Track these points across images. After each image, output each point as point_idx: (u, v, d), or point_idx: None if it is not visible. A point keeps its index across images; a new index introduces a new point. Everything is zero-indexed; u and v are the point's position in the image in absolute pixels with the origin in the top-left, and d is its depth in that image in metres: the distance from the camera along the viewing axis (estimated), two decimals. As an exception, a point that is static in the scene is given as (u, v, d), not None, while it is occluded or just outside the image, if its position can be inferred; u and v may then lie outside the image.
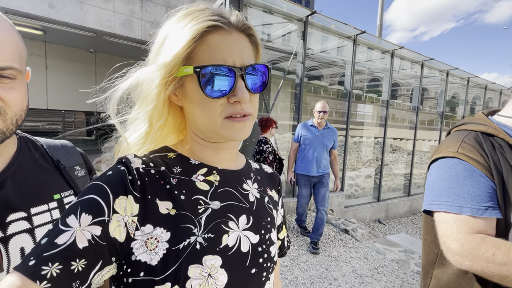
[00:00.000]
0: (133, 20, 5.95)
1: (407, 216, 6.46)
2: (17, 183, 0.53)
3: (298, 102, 4.66)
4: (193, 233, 0.42)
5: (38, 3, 4.82)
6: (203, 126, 0.46)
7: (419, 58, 6.40)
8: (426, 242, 0.83)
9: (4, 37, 0.46)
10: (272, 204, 0.59)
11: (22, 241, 0.50)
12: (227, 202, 0.49)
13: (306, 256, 3.18)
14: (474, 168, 0.67)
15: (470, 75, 7.93)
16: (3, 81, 0.46)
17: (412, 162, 6.77)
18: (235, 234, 0.47)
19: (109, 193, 0.39)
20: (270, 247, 0.52)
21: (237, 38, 0.45)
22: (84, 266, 0.36)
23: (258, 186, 0.58)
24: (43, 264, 0.33)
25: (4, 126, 0.48)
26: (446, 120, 9.06)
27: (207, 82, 0.42)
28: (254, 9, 4.15)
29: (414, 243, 4.03)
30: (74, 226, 0.36)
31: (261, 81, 0.48)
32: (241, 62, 0.44)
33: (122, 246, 0.39)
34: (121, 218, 0.39)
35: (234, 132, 0.45)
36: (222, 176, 0.51)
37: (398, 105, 13.91)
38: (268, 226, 0.54)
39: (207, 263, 0.42)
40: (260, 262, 0.49)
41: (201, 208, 0.45)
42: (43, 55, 9.85)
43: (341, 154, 5.29)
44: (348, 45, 5.29)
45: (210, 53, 0.43)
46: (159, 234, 0.41)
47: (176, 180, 0.46)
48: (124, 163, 0.43)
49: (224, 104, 0.44)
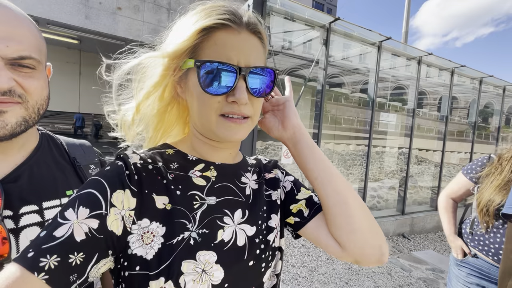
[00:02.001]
0: (159, 29, 6.24)
1: (435, 232, 6.04)
2: (33, 177, 0.55)
3: (319, 110, 4.58)
4: (187, 229, 0.42)
5: (76, 14, 5.21)
6: (200, 122, 0.46)
7: (449, 65, 6.10)
8: (507, 251, 0.79)
9: (24, 30, 0.49)
10: (272, 185, 0.58)
11: (33, 234, 0.52)
12: (223, 197, 0.48)
13: (325, 268, 3.06)
14: None
15: (506, 83, 7.42)
16: (23, 70, 0.49)
17: (440, 175, 6.37)
18: (230, 229, 0.47)
19: (107, 187, 0.40)
20: (268, 235, 0.51)
21: (246, 38, 0.44)
22: (82, 260, 0.36)
23: (257, 176, 0.57)
24: (41, 256, 0.34)
25: (27, 114, 0.51)
26: (479, 132, 8.49)
27: (206, 77, 0.42)
28: (276, 17, 4.19)
29: (443, 261, 3.74)
30: (71, 219, 0.37)
31: (265, 85, 0.47)
32: (246, 62, 0.43)
33: (119, 240, 0.39)
34: (118, 212, 0.39)
35: (229, 133, 0.45)
36: (220, 171, 0.51)
37: (424, 114, 13.30)
38: (264, 215, 0.53)
39: (201, 259, 0.41)
40: (257, 253, 0.48)
41: (197, 204, 0.45)
42: (78, 62, 10.61)
43: (363, 164, 5.10)
44: (372, 52, 5.17)
45: (215, 49, 0.43)
46: (155, 229, 0.41)
47: (172, 175, 0.46)
48: (122, 159, 0.44)
49: (222, 102, 0.44)
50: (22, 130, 0.51)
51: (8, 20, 0.46)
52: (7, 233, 0.47)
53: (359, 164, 9.76)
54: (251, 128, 0.48)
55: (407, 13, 10.22)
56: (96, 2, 5.35)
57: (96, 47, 3.00)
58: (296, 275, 2.83)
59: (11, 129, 0.49)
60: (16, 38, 0.47)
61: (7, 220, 0.49)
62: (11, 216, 0.50)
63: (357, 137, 11.29)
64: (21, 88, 0.49)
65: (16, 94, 0.48)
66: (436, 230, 6.10)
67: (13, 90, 0.47)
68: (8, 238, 0.47)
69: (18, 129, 0.50)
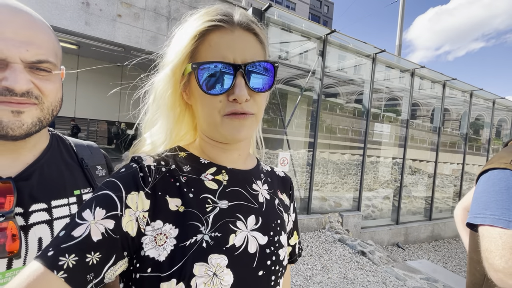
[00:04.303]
0: (158, 37, 6.32)
1: (428, 241, 6.08)
2: (44, 176, 0.57)
3: (315, 119, 4.65)
4: (200, 231, 0.42)
5: (76, 20, 5.26)
6: (206, 124, 0.47)
7: (440, 78, 6.28)
8: (472, 262, 0.78)
9: (43, 35, 0.52)
10: (282, 207, 0.58)
11: (41, 231, 0.53)
12: (235, 202, 0.48)
13: (321, 277, 3.04)
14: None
15: (495, 96, 7.65)
16: (40, 74, 0.52)
17: (433, 185, 6.46)
18: (242, 234, 0.46)
19: (122, 188, 0.41)
20: (279, 249, 0.51)
21: (240, 36, 0.44)
22: (99, 259, 0.37)
23: (268, 188, 0.57)
24: (60, 255, 0.35)
25: (42, 115, 0.53)
26: (470, 143, 8.66)
27: (204, 78, 0.42)
28: (273, 27, 4.30)
29: (437, 271, 3.76)
30: (89, 220, 0.38)
31: (266, 80, 0.46)
32: (243, 59, 0.43)
33: (133, 241, 0.40)
34: (133, 213, 0.40)
35: (233, 131, 0.45)
36: (231, 176, 0.51)
37: (417, 125, 13.54)
38: (277, 229, 0.52)
39: (213, 262, 0.41)
40: (268, 264, 0.48)
41: (209, 207, 0.45)
42: (75, 67, 10.62)
43: (358, 173, 5.16)
44: (367, 63, 5.31)
45: (210, 51, 0.43)
46: (168, 230, 0.41)
47: (185, 178, 0.46)
48: (136, 161, 0.45)
49: (224, 101, 0.44)
50: (37, 130, 0.53)
51: (29, 25, 0.49)
52: (18, 230, 0.48)
53: (353, 173, 9.82)
54: (255, 126, 0.48)
55: (401, 27, 10.55)
56: (96, 9, 5.41)
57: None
58: (292, 284, 2.81)
59: (27, 129, 0.50)
60: (36, 42, 0.50)
61: (17, 217, 0.50)
62: (21, 213, 0.51)
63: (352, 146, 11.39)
64: (38, 90, 0.51)
65: (33, 95, 0.50)
66: (430, 240, 6.13)
67: (31, 91, 0.50)
68: (19, 235, 0.48)
69: (33, 129, 0.52)
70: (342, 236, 4.20)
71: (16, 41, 0.47)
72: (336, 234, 4.29)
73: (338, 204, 5.22)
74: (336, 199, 5.41)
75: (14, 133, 0.49)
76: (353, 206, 5.20)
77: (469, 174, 8.55)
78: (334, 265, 3.27)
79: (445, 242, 6.25)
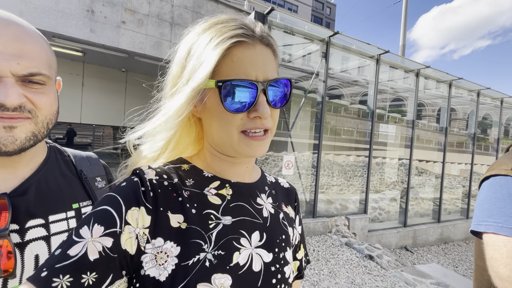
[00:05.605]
0: (162, 42, 6.38)
1: (438, 244, 5.95)
2: (41, 191, 0.55)
3: (320, 121, 4.62)
4: (203, 249, 0.41)
5: (81, 28, 5.34)
6: (220, 140, 0.45)
7: (446, 77, 6.20)
8: (479, 269, 0.77)
9: (35, 47, 0.50)
10: (287, 220, 0.56)
11: (38, 248, 0.51)
12: (239, 218, 0.47)
13: (328, 282, 2.99)
14: None
15: (503, 95, 7.51)
16: (34, 87, 0.50)
17: (441, 186, 6.34)
18: (246, 252, 0.44)
19: (122, 204, 0.39)
20: (285, 267, 0.49)
21: (261, 51, 0.44)
22: (95, 280, 0.35)
23: (273, 201, 0.55)
24: (54, 276, 0.33)
25: (36, 129, 0.52)
26: (478, 143, 8.51)
27: (228, 96, 0.41)
28: (276, 30, 4.29)
29: (448, 276, 3.67)
30: (86, 237, 0.36)
31: (282, 95, 0.47)
32: (264, 76, 0.43)
33: (133, 259, 0.38)
34: (132, 230, 0.39)
35: (251, 150, 0.44)
36: (235, 190, 0.49)
37: (423, 125, 13.38)
38: (282, 244, 0.50)
39: (216, 282, 0.39)
40: (273, 283, 0.46)
41: (212, 223, 0.44)
42: (81, 74, 10.79)
43: (364, 175, 5.09)
44: (371, 64, 5.27)
45: (233, 67, 0.42)
46: (169, 248, 0.39)
47: (188, 192, 0.45)
48: (137, 174, 0.44)
49: (244, 119, 0.43)
50: (31, 145, 0.51)
51: (20, 37, 0.48)
52: (13, 247, 0.46)
53: (359, 175, 9.71)
54: (270, 140, 0.48)
55: (404, 27, 10.47)
56: (101, 16, 5.49)
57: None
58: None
59: (20, 144, 0.49)
60: (27, 55, 0.48)
61: (13, 234, 0.48)
62: (17, 230, 0.49)
63: (357, 148, 11.30)
64: (31, 104, 0.50)
65: (26, 109, 0.49)
66: (439, 242, 6.00)
67: (24, 105, 0.48)
68: (14, 253, 0.46)
69: (27, 144, 0.50)
70: (349, 240, 4.14)
71: (6, 54, 0.45)
72: (342, 237, 4.22)
73: (344, 207, 5.15)
74: (342, 202, 5.34)
75: (7, 149, 0.48)
76: (360, 209, 5.13)
77: (478, 174, 8.39)
78: (341, 270, 3.21)
79: (455, 245, 6.11)
